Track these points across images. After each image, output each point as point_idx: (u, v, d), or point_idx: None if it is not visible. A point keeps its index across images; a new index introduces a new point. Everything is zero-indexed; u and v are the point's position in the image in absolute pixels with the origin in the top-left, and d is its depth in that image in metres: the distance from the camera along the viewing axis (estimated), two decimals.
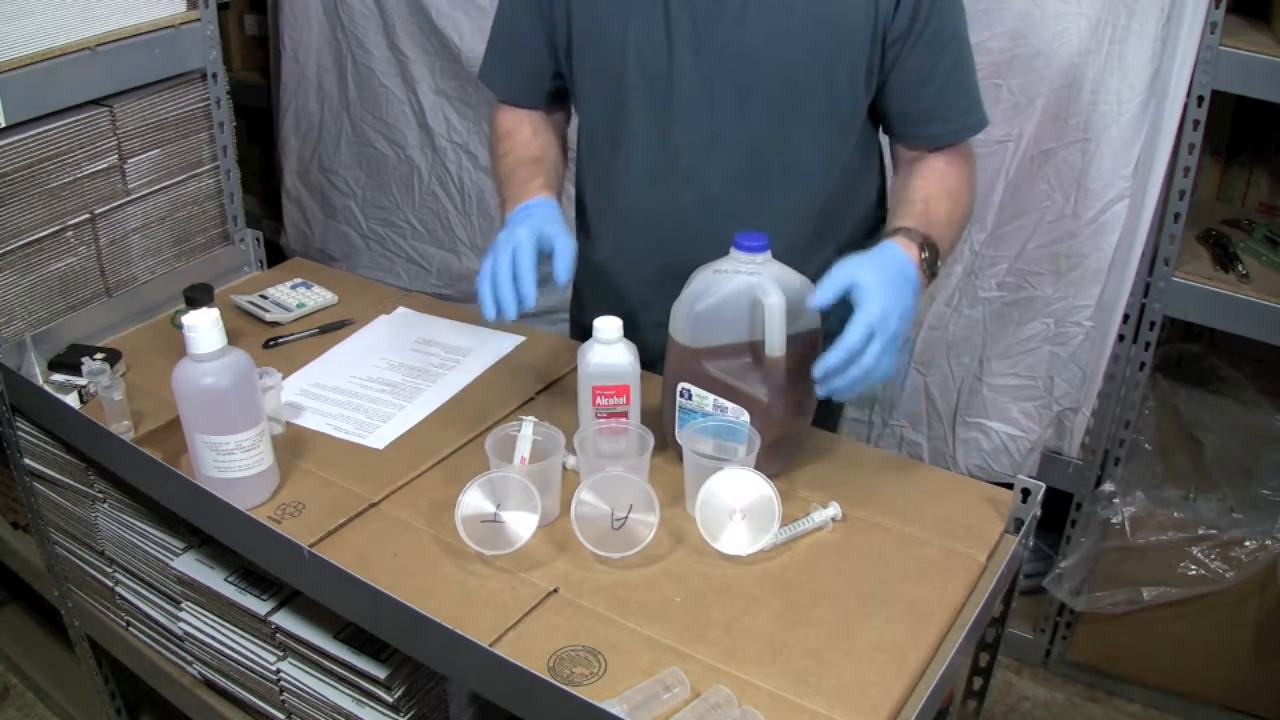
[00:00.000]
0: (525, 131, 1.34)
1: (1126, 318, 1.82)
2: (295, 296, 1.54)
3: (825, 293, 1.03)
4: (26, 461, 1.46)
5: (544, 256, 1.14)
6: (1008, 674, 2.13)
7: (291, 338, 1.46)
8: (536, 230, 1.14)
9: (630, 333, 1.14)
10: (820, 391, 1.05)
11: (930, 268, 1.12)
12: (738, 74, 1.17)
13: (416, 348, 1.43)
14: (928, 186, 1.20)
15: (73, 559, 1.51)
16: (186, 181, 1.63)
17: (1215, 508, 1.85)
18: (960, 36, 1.19)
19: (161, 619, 1.36)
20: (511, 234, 1.14)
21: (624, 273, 1.36)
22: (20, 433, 1.42)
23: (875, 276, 1.04)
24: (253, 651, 1.22)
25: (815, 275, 1.07)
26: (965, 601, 0.99)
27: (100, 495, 1.37)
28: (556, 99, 1.36)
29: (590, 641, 0.94)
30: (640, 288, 1.34)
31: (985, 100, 1.24)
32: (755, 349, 1.08)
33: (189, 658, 1.35)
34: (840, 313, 1.04)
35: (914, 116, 1.22)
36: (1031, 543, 1.08)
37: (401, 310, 1.53)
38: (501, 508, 1.04)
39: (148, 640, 1.44)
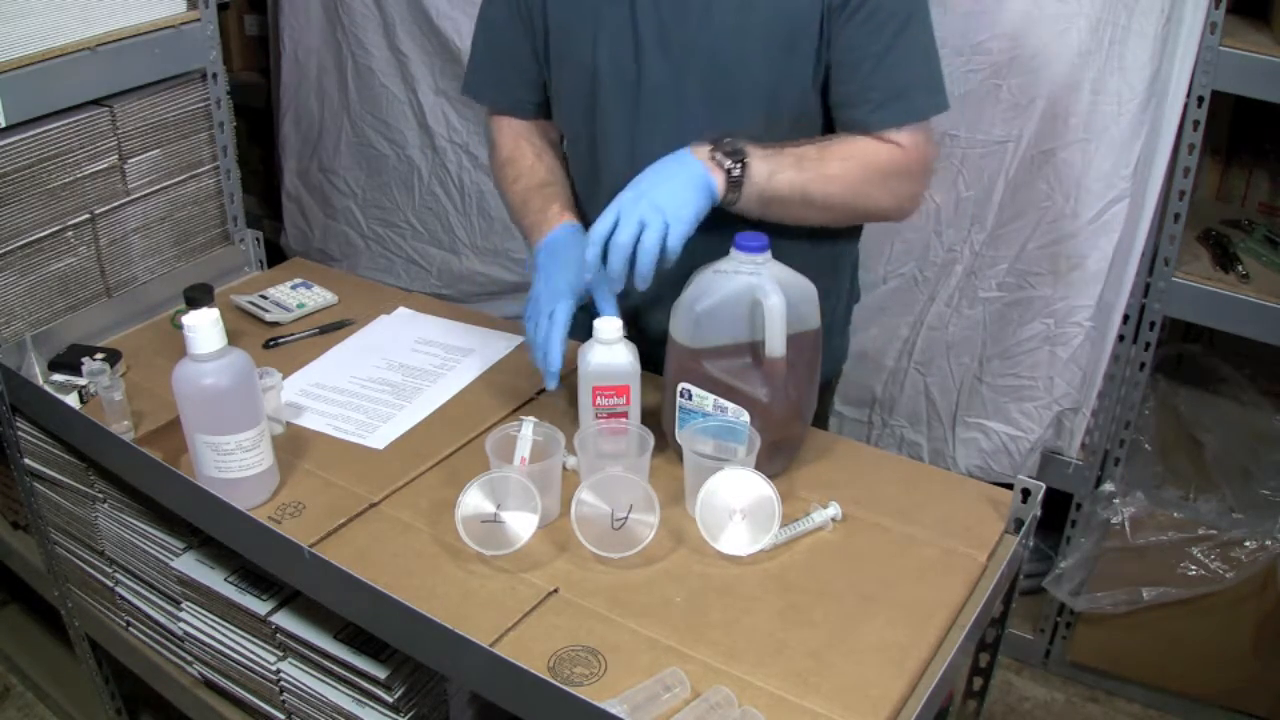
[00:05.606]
0: (527, 157, 1.33)
1: (1126, 318, 1.82)
2: (295, 297, 1.53)
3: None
4: (26, 461, 1.46)
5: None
6: (1008, 674, 2.13)
7: (291, 338, 1.46)
8: (572, 295, 1.17)
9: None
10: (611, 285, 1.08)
11: (726, 164, 1.09)
12: (705, 72, 1.17)
13: (416, 348, 1.43)
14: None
15: (73, 559, 1.51)
16: (186, 181, 1.63)
17: (1215, 508, 1.85)
18: (905, 20, 1.13)
19: (161, 619, 1.36)
20: (546, 297, 1.18)
21: None
22: (20, 433, 1.42)
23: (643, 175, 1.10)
24: (253, 651, 1.22)
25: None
26: (965, 602, 0.99)
27: (100, 495, 1.37)
28: (550, 108, 1.35)
29: (590, 642, 0.94)
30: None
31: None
32: (755, 349, 1.08)
33: (189, 658, 1.35)
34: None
35: (839, 99, 1.17)
36: (1031, 543, 1.08)
37: (401, 310, 1.53)
38: (501, 508, 1.03)
39: (148, 640, 1.44)
